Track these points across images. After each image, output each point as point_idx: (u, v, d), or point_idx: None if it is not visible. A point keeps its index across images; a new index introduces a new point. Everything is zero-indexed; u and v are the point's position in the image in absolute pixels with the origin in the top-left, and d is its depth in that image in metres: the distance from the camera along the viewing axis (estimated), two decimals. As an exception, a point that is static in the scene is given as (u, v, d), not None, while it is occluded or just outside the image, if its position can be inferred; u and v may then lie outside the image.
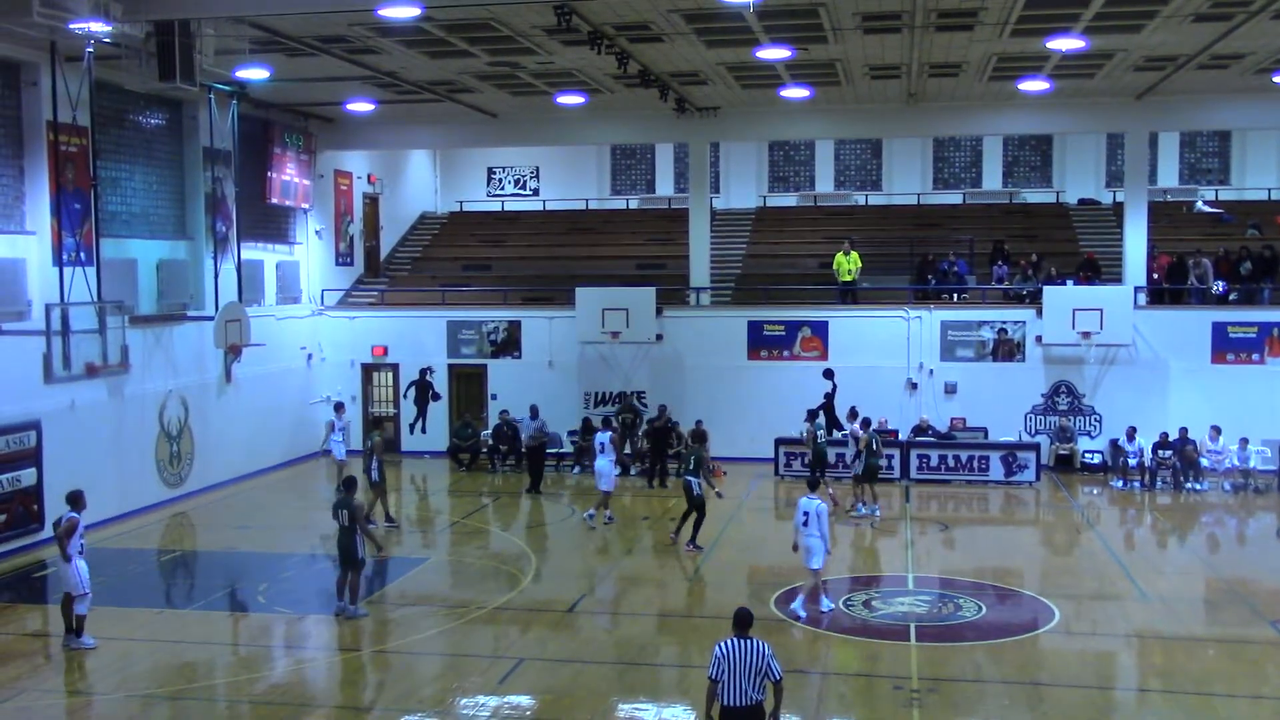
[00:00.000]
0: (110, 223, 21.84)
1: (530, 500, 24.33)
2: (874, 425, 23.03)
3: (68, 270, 19.39)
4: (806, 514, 15.93)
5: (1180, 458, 24.61)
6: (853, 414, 23.54)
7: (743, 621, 9.95)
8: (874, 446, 22.18)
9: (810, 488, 16.61)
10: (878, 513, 22.03)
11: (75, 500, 15.02)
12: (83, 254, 20.26)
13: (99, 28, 15.40)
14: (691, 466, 19.77)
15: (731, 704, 9.61)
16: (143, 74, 18.06)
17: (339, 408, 24.64)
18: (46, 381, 18.35)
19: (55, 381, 18.45)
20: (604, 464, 21.76)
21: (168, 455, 23.45)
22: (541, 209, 36.47)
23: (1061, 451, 26.40)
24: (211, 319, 24.19)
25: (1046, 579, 18.44)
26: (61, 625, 15.01)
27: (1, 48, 18.98)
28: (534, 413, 25.78)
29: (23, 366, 18.76)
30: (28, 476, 19.54)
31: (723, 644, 9.75)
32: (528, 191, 37.22)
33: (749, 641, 9.76)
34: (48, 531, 19.30)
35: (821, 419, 25.16)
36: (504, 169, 37.21)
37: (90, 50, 18.25)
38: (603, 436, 22.17)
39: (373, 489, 21.17)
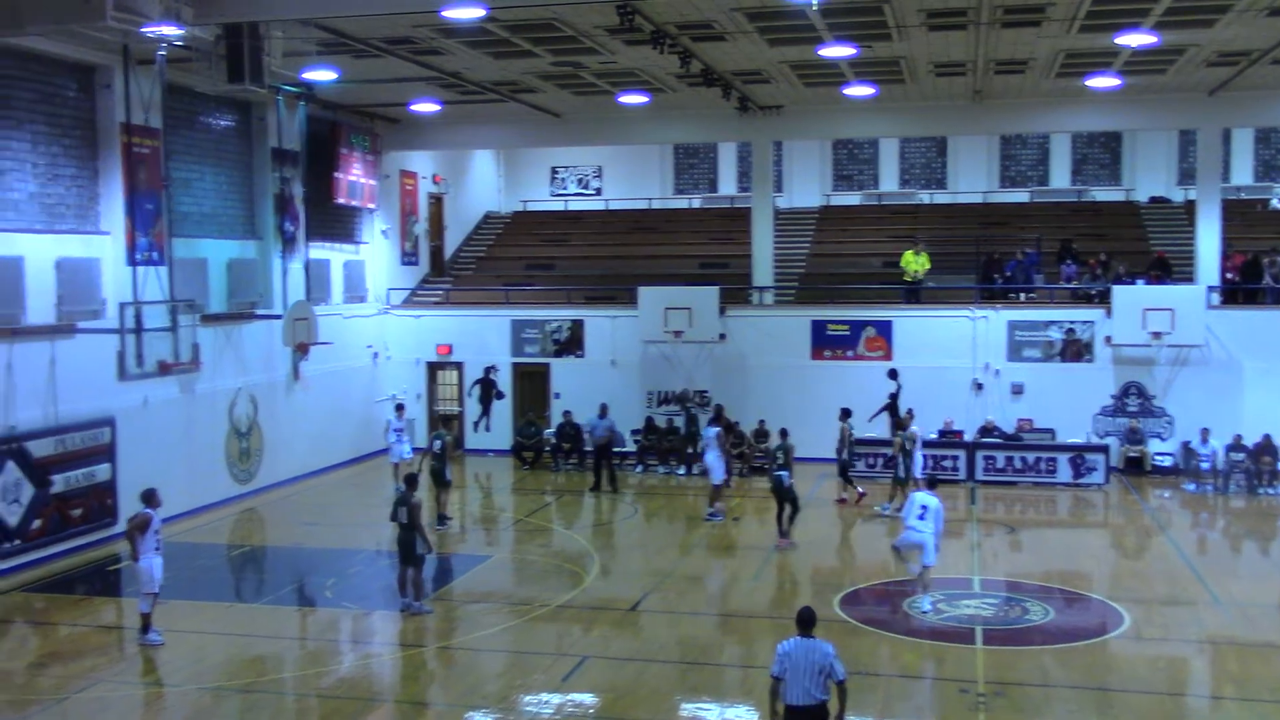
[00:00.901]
0: (181, 223, 22.22)
1: (594, 498, 24.38)
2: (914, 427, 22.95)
3: (141, 270, 19.75)
4: (925, 508, 15.98)
5: (1255, 461, 24.11)
6: (910, 415, 23.40)
7: (806, 621, 10.03)
8: (906, 448, 22.08)
9: (929, 486, 16.65)
10: (885, 510, 22.10)
11: (149, 498, 15.29)
12: (155, 254, 20.61)
13: (170, 31, 15.66)
14: (782, 461, 19.83)
15: (795, 703, 9.69)
16: (212, 76, 18.33)
17: (399, 408, 24.75)
18: (120, 379, 18.71)
19: (129, 379, 18.81)
20: (713, 459, 21.94)
21: (237, 452, 23.82)
22: (604, 208, 36.54)
23: (1131, 454, 25.96)
24: (280, 318, 24.54)
25: (1116, 583, 18.15)
26: (137, 619, 15.28)
27: (77, 52, 19.41)
28: (603, 411, 25.79)
29: (98, 364, 19.14)
30: (102, 472, 19.95)
31: (785, 643, 9.84)
32: (591, 191, 37.32)
33: (812, 641, 9.85)
34: (122, 526, 19.68)
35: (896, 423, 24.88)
36: (567, 168, 37.33)
37: (162, 54, 18.57)
38: (710, 432, 22.22)
39: (442, 487, 21.34)
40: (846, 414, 23.00)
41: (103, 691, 13.38)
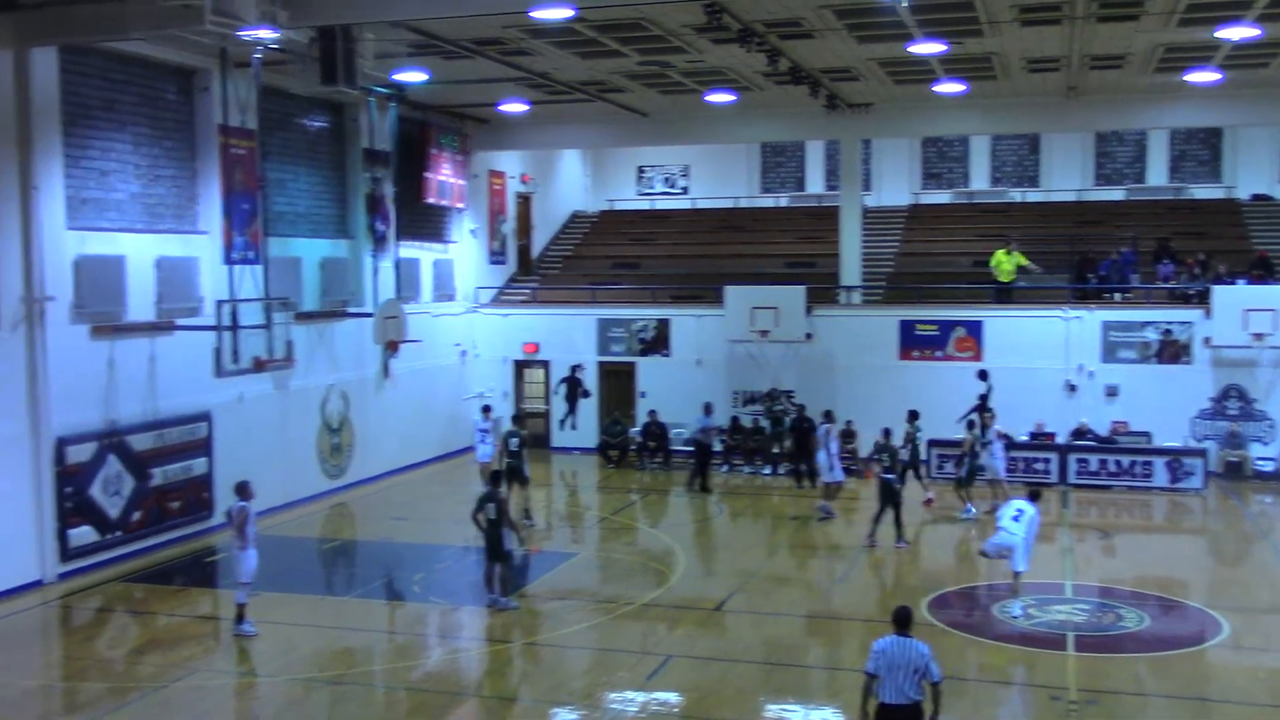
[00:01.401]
0: (276, 223, 22.65)
1: (686, 496, 24.28)
2: (977, 427, 22.61)
3: (237, 268, 20.16)
4: (1020, 512, 15.83)
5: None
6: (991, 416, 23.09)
7: (902, 620, 10.02)
8: (976, 449, 21.64)
9: (1031, 498, 16.40)
10: (971, 513, 21.67)
11: (243, 489, 15.62)
12: (251, 253, 21.03)
13: (266, 35, 15.95)
14: (888, 463, 19.77)
15: (890, 701, 9.69)
16: (307, 78, 18.69)
17: (485, 410, 24.72)
18: (217, 375, 19.09)
19: (225, 375, 19.19)
20: (823, 457, 22.04)
21: (329, 447, 24.22)
22: (691, 207, 36.51)
23: (1231, 458, 25.27)
24: (371, 316, 24.91)
25: (1214, 590, 17.70)
26: (233, 609, 15.62)
27: (177, 56, 19.90)
28: (707, 409, 25.57)
29: (195, 360, 19.57)
30: (199, 466, 20.41)
31: (882, 640, 9.84)
32: (677, 190, 37.31)
33: (908, 640, 9.83)
34: (218, 519, 20.15)
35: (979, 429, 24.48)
36: (654, 168, 37.36)
37: (258, 56, 18.93)
38: (821, 430, 22.33)
39: (521, 484, 21.52)
40: (914, 416, 22.72)
41: (199, 680, 13.69)
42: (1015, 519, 15.85)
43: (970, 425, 22.47)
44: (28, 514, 17.31)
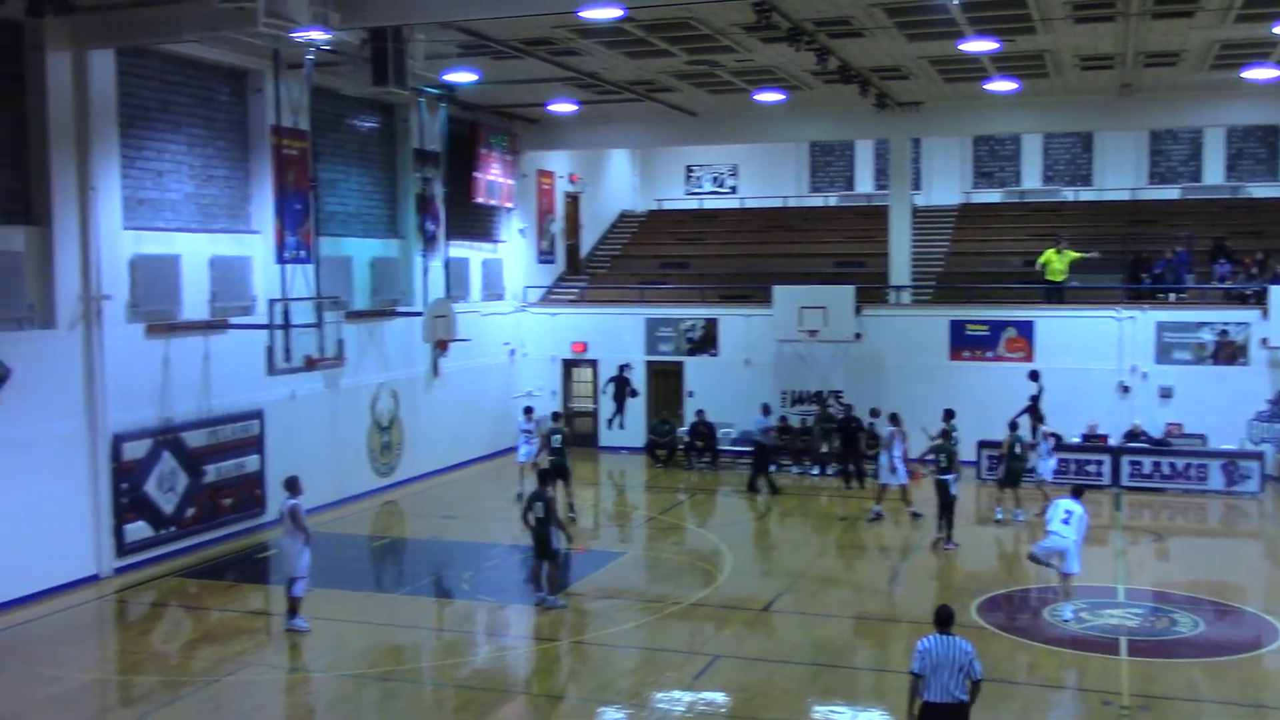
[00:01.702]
0: (327, 222, 22.86)
1: (746, 498, 24.19)
2: (1019, 428, 22.35)
3: (289, 268, 20.36)
4: (1069, 514, 15.55)
5: None
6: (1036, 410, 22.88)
7: (945, 618, 10.07)
8: (1015, 450, 21.38)
9: (1074, 494, 16.15)
10: (1020, 517, 21.36)
11: (293, 485, 15.79)
12: (302, 252, 21.22)
13: (318, 36, 16.11)
14: (945, 464, 19.62)
15: (935, 700, 9.69)
16: (358, 79, 18.87)
17: (527, 411, 24.66)
18: (269, 373, 19.28)
19: (277, 373, 19.38)
20: (885, 459, 21.98)
21: (379, 445, 24.41)
22: (739, 207, 36.44)
23: (1288, 461, 24.89)
24: (420, 315, 25.06)
25: (1271, 595, 17.42)
26: (284, 605, 15.79)
27: (231, 57, 20.15)
28: (765, 410, 25.37)
29: (248, 359, 19.79)
30: (252, 463, 20.64)
31: (926, 640, 9.85)
32: (726, 189, 37.24)
33: (952, 639, 9.85)
34: (270, 515, 20.39)
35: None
36: (702, 167, 37.32)
37: (310, 58, 19.11)
38: (887, 431, 22.28)
39: (565, 481, 21.54)
40: (949, 415, 22.54)
41: (251, 675, 13.85)
42: (1065, 521, 15.55)
43: (1012, 426, 22.18)
44: (85, 509, 17.59)
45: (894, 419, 22.33)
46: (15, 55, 16.92)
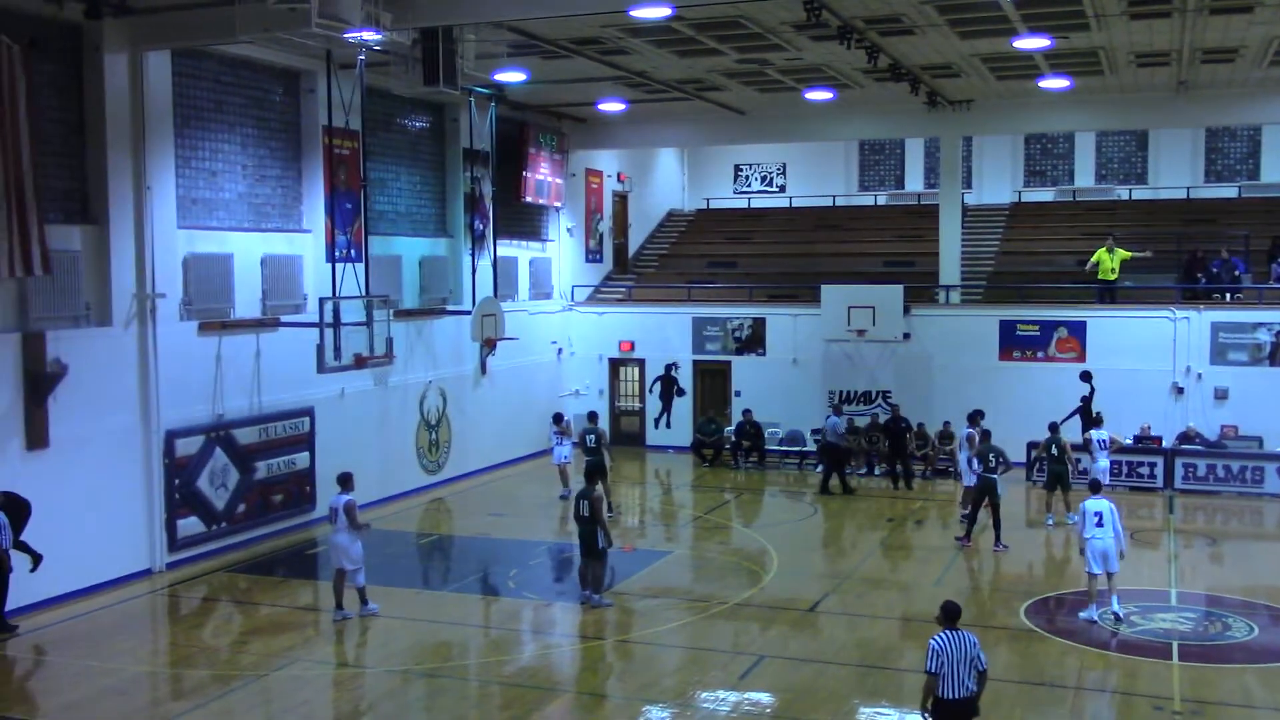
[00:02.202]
0: (377, 221, 23.05)
1: (786, 497, 24.18)
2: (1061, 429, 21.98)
3: (339, 266, 20.56)
4: (1099, 514, 15.45)
5: None
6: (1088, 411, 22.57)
7: (954, 614, 10.16)
8: (1053, 452, 21.05)
9: (1093, 490, 16.09)
10: (1074, 519, 21.02)
11: (346, 481, 16.06)
12: (353, 251, 21.43)
13: (370, 37, 16.25)
14: (994, 464, 19.52)
15: (952, 696, 9.79)
16: (409, 79, 19.02)
17: (557, 418, 24.66)
18: (319, 371, 19.47)
19: (327, 371, 19.56)
20: (965, 460, 21.75)
21: (427, 443, 24.58)
22: (788, 206, 36.31)
23: (1347, 464, 24.40)
24: (469, 313, 25.19)
25: (1328, 601, 17.11)
26: (330, 600, 15.95)
27: (284, 58, 20.36)
28: (837, 410, 25.13)
29: (298, 356, 19.99)
30: (302, 460, 20.84)
31: (938, 638, 9.92)
32: (774, 188, 37.13)
33: (960, 634, 9.96)
34: (319, 511, 20.60)
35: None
36: (751, 166, 37.24)
37: (362, 58, 19.29)
38: (964, 433, 22.12)
39: (601, 478, 21.53)
40: (979, 416, 22.32)
41: (299, 670, 14.00)
42: (1099, 524, 15.42)
43: (1052, 428, 21.77)
44: (139, 505, 17.86)
45: (973, 419, 22.13)
46: (74, 57, 17.20)
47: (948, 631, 9.96)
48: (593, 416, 22.90)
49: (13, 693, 13.56)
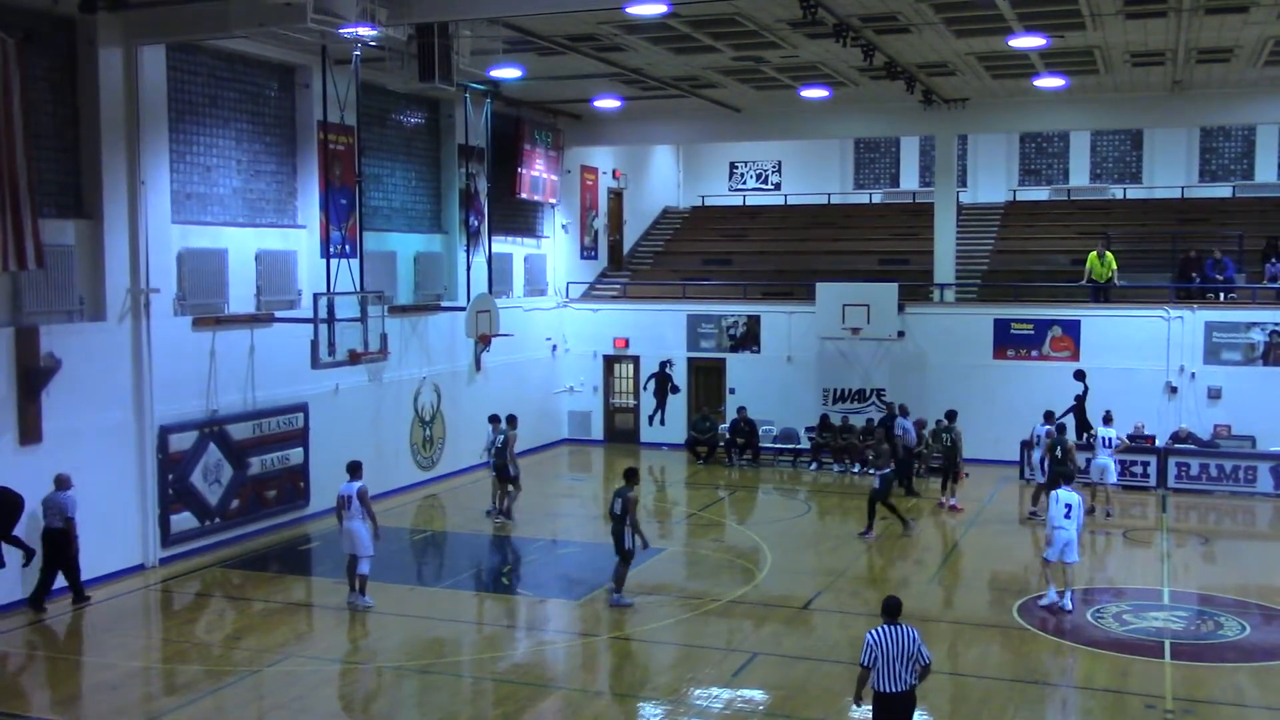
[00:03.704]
0: (372, 217, 23.02)
1: (780, 494, 24.15)
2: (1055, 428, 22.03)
3: (334, 262, 20.53)
4: (1069, 506, 15.84)
5: None
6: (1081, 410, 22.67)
7: (894, 609, 10.20)
8: (1056, 454, 21.06)
9: (1066, 481, 16.53)
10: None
11: (356, 469, 16.51)
12: (347, 247, 21.41)
13: (366, 32, 16.23)
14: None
15: (887, 690, 9.85)
16: (404, 75, 19.01)
17: (494, 419, 22.42)
18: (313, 366, 19.44)
19: (321, 367, 19.53)
20: (1038, 457, 21.73)
21: (421, 439, 24.56)
22: (783, 203, 36.33)
23: (1340, 464, 24.46)
24: (463, 309, 25.19)
25: (1320, 600, 17.15)
26: (325, 597, 15.94)
27: (279, 53, 20.32)
28: (903, 411, 24.34)
29: (292, 352, 19.94)
30: (296, 455, 20.82)
31: (874, 632, 9.96)
32: (769, 186, 37.15)
33: (900, 628, 9.97)
34: (313, 507, 20.62)
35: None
36: (746, 163, 37.24)
37: (358, 54, 19.26)
38: (1041, 430, 22.05)
39: (503, 481, 21.22)
40: (952, 416, 22.44)
41: (292, 666, 13.99)
42: (1067, 515, 15.87)
43: (1059, 429, 21.84)
44: (132, 499, 17.83)
45: (1048, 417, 22.16)
46: (69, 51, 17.14)
47: (886, 625, 9.99)
48: (513, 421, 22.03)
49: (5, 688, 13.53)
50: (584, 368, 30.18)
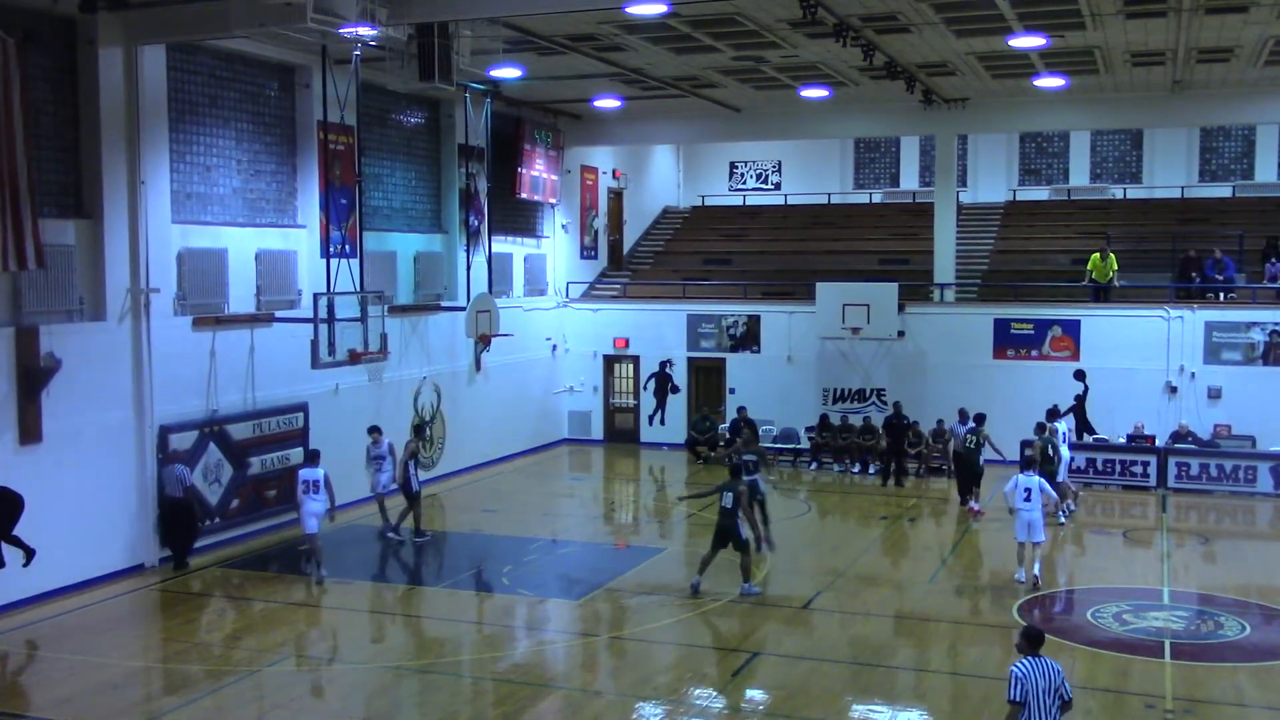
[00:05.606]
0: (372, 217, 23.01)
1: (781, 495, 24.06)
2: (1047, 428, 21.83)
3: (334, 262, 20.53)
4: (1029, 490, 16.82)
5: None
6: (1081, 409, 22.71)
7: (1037, 640, 9.52)
8: (1048, 452, 20.98)
9: (1027, 467, 17.50)
10: (1063, 519, 21.17)
11: (316, 457, 17.75)
12: (347, 246, 21.40)
13: (366, 32, 16.23)
14: (754, 467, 19.46)
15: None
16: (404, 75, 18.99)
17: (375, 431, 20.73)
18: (313, 366, 19.43)
19: (321, 367, 19.52)
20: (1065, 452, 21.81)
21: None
22: (783, 203, 36.32)
23: (1340, 464, 24.45)
24: (464, 309, 25.18)
25: (1320, 600, 17.15)
26: (319, 599, 15.91)
27: (279, 53, 20.32)
28: (962, 416, 22.96)
29: (292, 352, 19.93)
30: (295, 455, 20.74)
31: (1020, 665, 9.28)
32: (769, 186, 37.15)
33: (1043, 661, 9.33)
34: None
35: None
36: (746, 163, 37.24)
37: (358, 54, 19.25)
38: (1061, 425, 22.17)
39: (409, 500, 19.98)
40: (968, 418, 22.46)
41: (292, 665, 13.99)
42: (1027, 500, 16.82)
43: (1039, 429, 21.68)
44: (132, 499, 17.82)
45: (1051, 414, 22.28)
46: (69, 51, 17.14)
47: (1030, 659, 9.28)
48: (417, 430, 21.20)
49: (5, 688, 13.53)
50: (584, 368, 30.18)
